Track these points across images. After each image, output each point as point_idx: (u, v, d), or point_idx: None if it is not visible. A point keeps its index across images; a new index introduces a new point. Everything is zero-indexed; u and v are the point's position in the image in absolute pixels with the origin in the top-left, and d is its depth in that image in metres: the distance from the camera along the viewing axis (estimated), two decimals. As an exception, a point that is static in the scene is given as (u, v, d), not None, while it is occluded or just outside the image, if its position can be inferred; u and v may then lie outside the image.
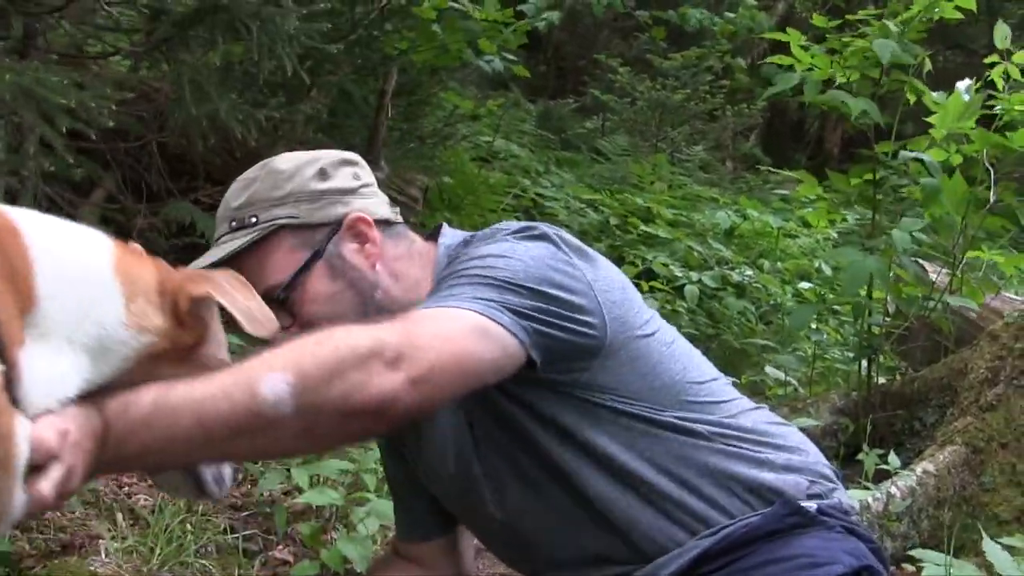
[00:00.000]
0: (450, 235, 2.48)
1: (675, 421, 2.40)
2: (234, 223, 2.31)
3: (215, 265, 2.23)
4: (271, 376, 1.75)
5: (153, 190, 5.54)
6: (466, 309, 2.06)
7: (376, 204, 2.41)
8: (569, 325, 2.21)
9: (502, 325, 2.08)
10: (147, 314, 1.74)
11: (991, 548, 2.89)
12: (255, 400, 1.73)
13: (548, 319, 2.17)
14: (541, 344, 2.15)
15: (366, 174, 2.44)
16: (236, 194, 2.34)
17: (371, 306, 2.32)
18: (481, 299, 2.09)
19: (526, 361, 2.14)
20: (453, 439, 2.47)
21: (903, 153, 5.15)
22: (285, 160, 2.36)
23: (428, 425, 2.49)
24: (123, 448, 1.67)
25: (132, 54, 5.49)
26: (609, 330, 2.30)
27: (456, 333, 2.03)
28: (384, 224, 2.40)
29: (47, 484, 1.55)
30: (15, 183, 4.53)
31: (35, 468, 1.54)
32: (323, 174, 2.35)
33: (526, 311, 2.13)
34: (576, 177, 10.93)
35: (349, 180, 2.38)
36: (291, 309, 2.28)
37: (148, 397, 1.71)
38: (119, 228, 5.29)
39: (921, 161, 4.95)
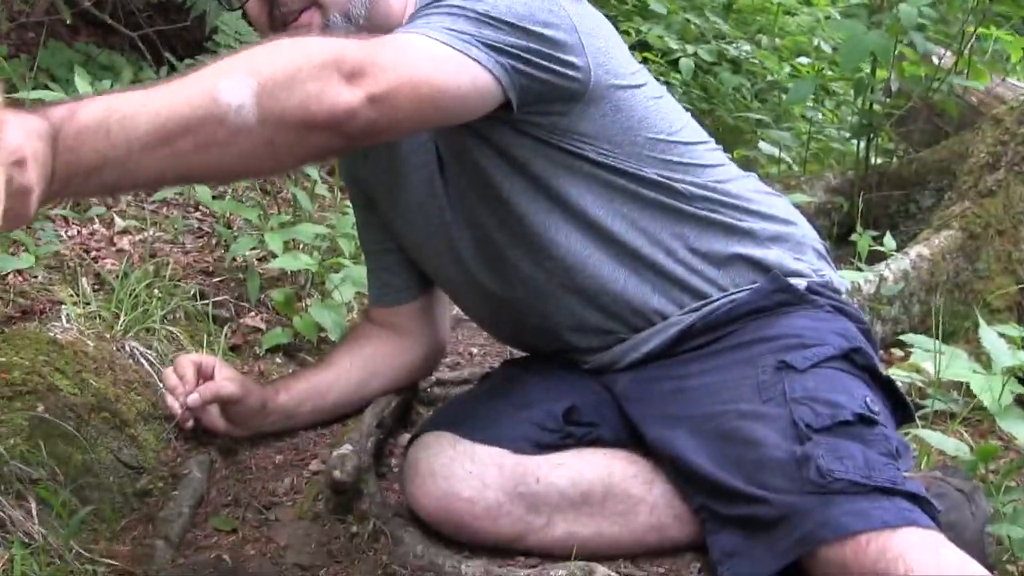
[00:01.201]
0: None
1: (657, 178, 2.37)
2: None
3: None
4: (231, 80, 1.70)
5: (129, -55, 5.36)
6: (435, 39, 1.99)
7: None
8: (549, 65, 2.15)
9: (474, 60, 2.02)
10: None
11: (987, 335, 2.81)
12: (217, 104, 1.68)
13: (527, 56, 2.11)
14: (518, 83, 2.11)
15: None
16: None
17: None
18: (455, 31, 2.03)
19: (503, 100, 2.10)
20: (427, 192, 2.45)
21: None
22: None
23: (401, 177, 2.47)
24: (75, 156, 1.55)
25: None
26: (593, 75, 2.25)
27: (421, 59, 1.97)
28: None
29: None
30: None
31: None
32: None
33: (504, 47, 2.07)
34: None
35: None
36: None
37: (98, 103, 1.60)
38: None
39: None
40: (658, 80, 2.58)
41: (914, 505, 1.94)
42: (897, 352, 3.63)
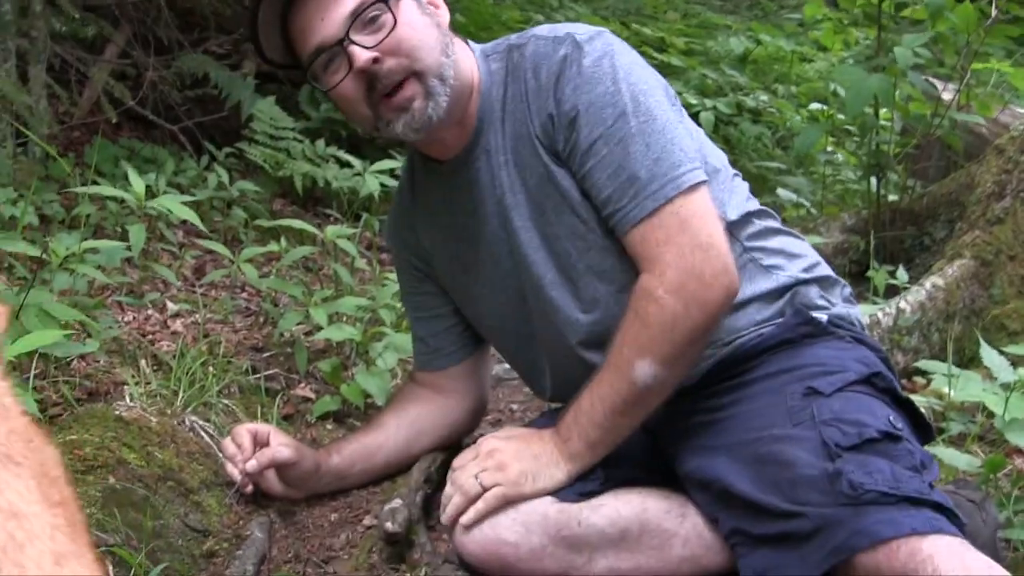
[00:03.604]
0: (475, 45, 2.62)
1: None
2: None
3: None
4: (638, 367, 2.33)
5: (164, 44, 5.55)
6: (672, 199, 2.35)
7: None
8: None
9: (697, 178, 2.39)
10: None
11: (988, 355, 2.95)
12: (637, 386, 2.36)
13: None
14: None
15: None
16: None
17: (449, 50, 2.46)
18: (670, 171, 2.36)
19: None
20: (499, 231, 2.60)
21: (910, -31, 5.13)
22: None
23: (474, 230, 2.64)
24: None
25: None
26: None
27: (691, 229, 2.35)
28: None
29: None
30: (26, 44, 4.57)
31: None
32: None
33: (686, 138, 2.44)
34: (591, 9, 10.83)
35: None
36: (380, 26, 2.39)
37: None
38: (132, 84, 5.33)
39: (926, -22, 4.92)
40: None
41: (940, 514, 2.06)
42: (920, 380, 3.72)
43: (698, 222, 2.33)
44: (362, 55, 2.36)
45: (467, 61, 2.54)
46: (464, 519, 2.39)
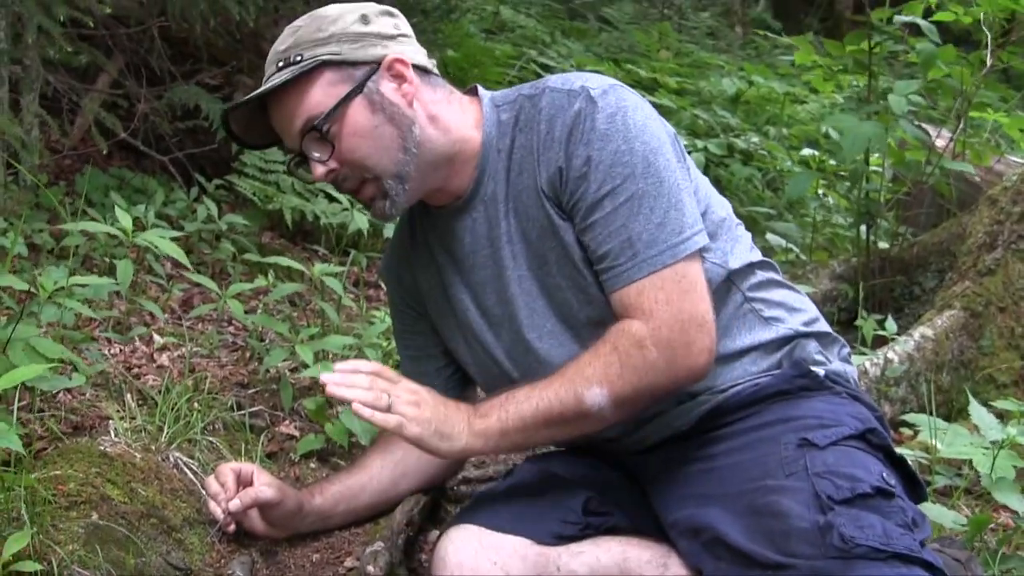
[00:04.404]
0: (486, 92, 2.62)
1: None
2: (280, 63, 2.45)
3: (258, 100, 2.46)
4: (591, 391, 2.35)
5: (157, 74, 5.55)
6: (670, 265, 2.37)
7: (413, 51, 2.55)
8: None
9: (697, 245, 2.41)
10: None
11: (977, 411, 2.96)
12: (584, 407, 2.36)
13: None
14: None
15: (405, 26, 2.58)
16: (283, 39, 2.49)
17: (410, 142, 2.47)
18: (671, 237, 2.38)
19: None
20: (496, 273, 2.59)
21: (898, 18, 5.14)
22: (330, 8, 2.51)
23: (470, 269, 2.64)
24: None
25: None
26: None
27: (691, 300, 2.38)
28: (421, 71, 2.54)
29: None
30: (19, 72, 4.57)
31: None
32: (365, 19, 2.49)
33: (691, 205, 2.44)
34: (584, 47, 10.88)
35: (389, 28, 2.52)
36: (332, 140, 2.43)
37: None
38: (124, 113, 5.33)
39: (918, 26, 4.94)
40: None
41: (930, 573, 2.06)
42: (906, 431, 3.73)
43: (696, 296, 2.36)
44: (318, 170, 2.46)
45: (462, 123, 2.55)
46: (354, 406, 2.32)
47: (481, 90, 2.62)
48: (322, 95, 2.42)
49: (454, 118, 2.55)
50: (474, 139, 2.54)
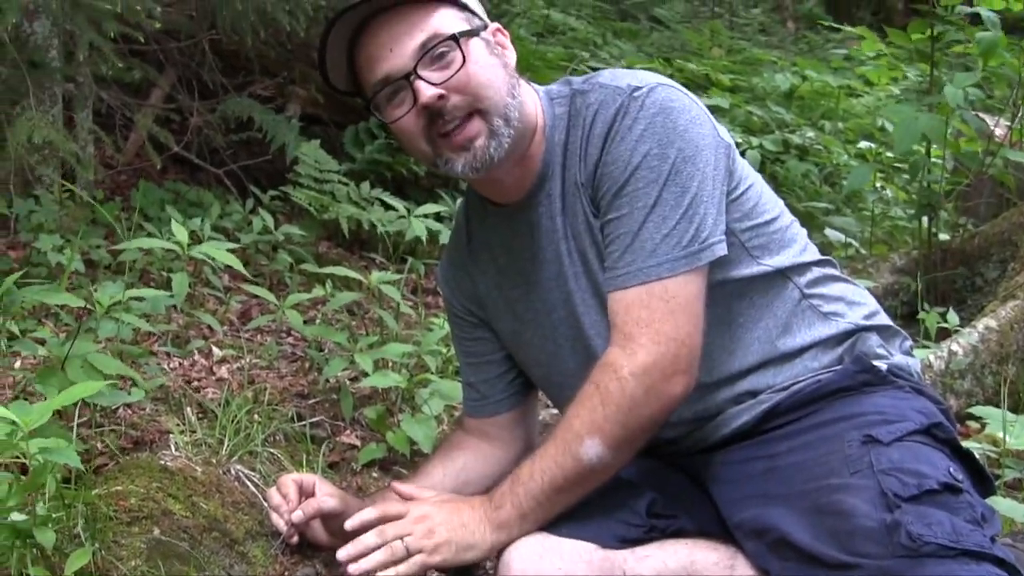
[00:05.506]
0: (538, 87, 2.61)
1: (767, 269, 2.53)
2: None
3: (360, 20, 2.39)
4: (585, 445, 2.34)
5: (209, 87, 5.59)
6: (665, 278, 2.33)
7: None
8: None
9: (700, 261, 2.37)
10: None
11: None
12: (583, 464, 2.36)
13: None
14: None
15: None
16: None
17: (516, 91, 2.45)
18: (674, 250, 2.34)
19: None
20: (557, 275, 2.57)
21: (961, 7, 5.08)
22: None
23: (533, 273, 2.62)
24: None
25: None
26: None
27: (674, 320, 2.34)
28: None
29: None
30: (72, 89, 4.61)
31: None
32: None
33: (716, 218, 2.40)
34: (635, 47, 10.85)
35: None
36: (449, 63, 2.39)
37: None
38: (177, 127, 5.36)
39: (975, 15, 4.88)
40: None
41: (1001, 569, 2.02)
42: (973, 424, 3.66)
43: (682, 315, 2.33)
44: (428, 91, 2.34)
45: (531, 104, 2.52)
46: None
47: (533, 84, 2.60)
48: (449, 19, 2.40)
49: (530, 98, 2.53)
50: (540, 127, 2.53)
